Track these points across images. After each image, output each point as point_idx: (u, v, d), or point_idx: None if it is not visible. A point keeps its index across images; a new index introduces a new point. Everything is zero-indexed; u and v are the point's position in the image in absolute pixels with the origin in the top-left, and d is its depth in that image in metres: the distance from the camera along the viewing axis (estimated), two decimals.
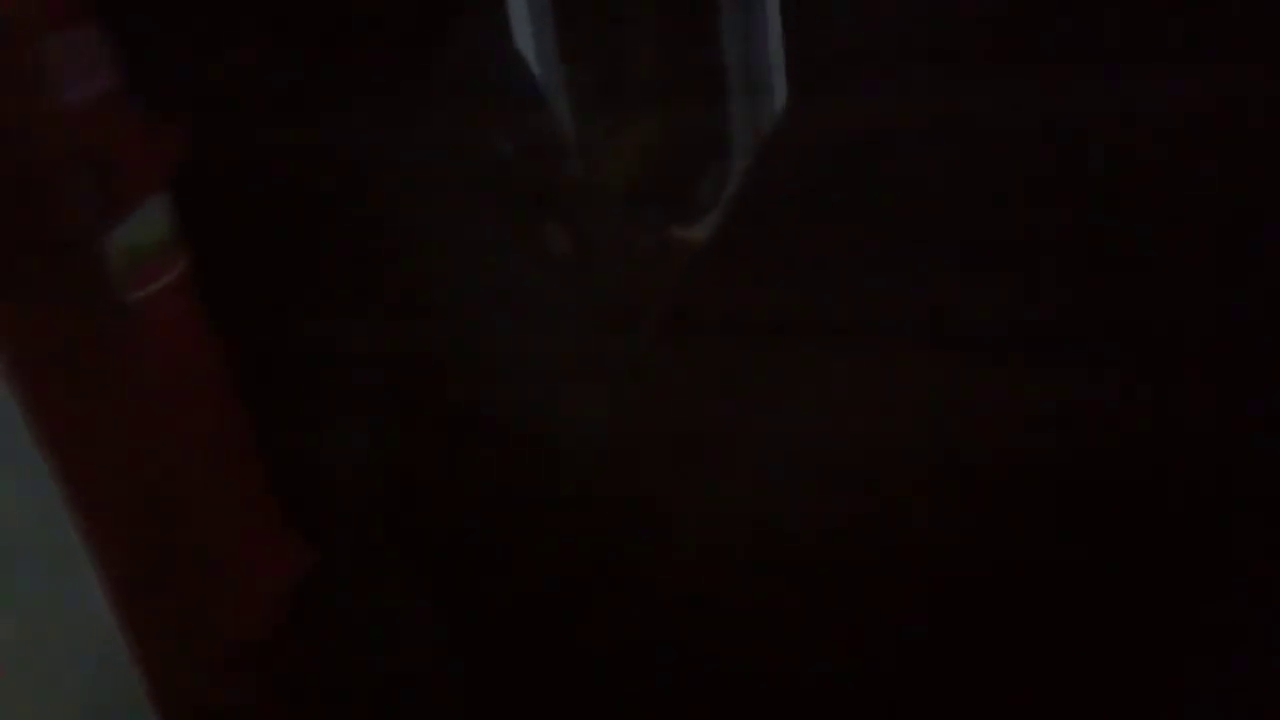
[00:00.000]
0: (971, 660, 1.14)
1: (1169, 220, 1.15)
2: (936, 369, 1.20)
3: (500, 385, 1.23)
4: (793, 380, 1.27)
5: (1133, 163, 1.14)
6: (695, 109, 1.79)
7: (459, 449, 1.21)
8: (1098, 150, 1.16)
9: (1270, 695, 1.06)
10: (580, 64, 1.70)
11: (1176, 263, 1.13)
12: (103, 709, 1.15)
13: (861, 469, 1.20)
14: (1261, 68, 1.04)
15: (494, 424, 1.21)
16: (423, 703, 1.26)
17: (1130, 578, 1.10)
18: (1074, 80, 1.16)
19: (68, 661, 1.14)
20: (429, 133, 1.23)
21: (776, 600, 1.21)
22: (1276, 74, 1.04)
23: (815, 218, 1.33)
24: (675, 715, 1.25)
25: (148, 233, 1.13)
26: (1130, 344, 1.15)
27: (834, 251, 1.32)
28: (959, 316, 1.22)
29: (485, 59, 1.36)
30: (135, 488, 1.14)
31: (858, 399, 1.23)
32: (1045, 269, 1.19)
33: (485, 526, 1.22)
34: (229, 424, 1.18)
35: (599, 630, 1.25)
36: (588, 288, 1.40)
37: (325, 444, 1.18)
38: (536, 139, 1.41)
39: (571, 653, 1.25)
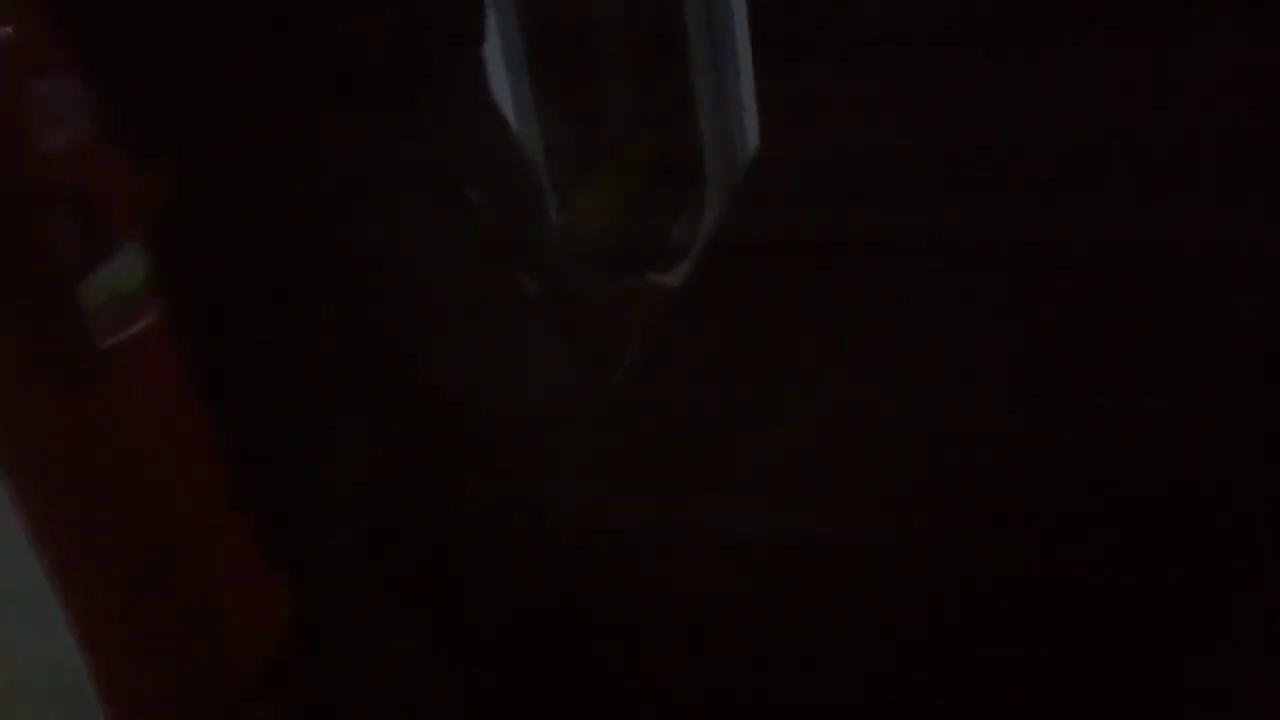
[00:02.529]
0: (971, 670, 1.15)
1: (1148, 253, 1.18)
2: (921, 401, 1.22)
3: (480, 422, 1.23)
4: (763, 417, 1.28)
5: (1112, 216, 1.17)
6: (668, 157, 1.80)
7: (441, 483, 1.21)
8: (1073, 205, 1.19)
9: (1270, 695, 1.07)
10: (555, 113, 1.71)
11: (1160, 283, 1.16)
12: None
13: (839, 502, 1.22)
14: None
15: (476, 462, 1.21)
16: None
17: (1128, 584, 1.12)
18: (1053, 124, 1.19)
19: (46, 707, 1.13)
20: (407, 181, 1.24)
21: (767, 621, 1.22)
22: None
23: (783, 269, 1.35)
24: None
25: (127, 277, 1.13)
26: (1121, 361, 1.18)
27: (803, 301, 1.33)
28: (937, 354, 1.24)
29: (461, 108, 1.37)
30: (112, 531, 1.12)
31: (829, 434, 1.24)
32: (1025, 314, 1.21)
33: (468, 557, 1.22)
34: (208, 465, 1.17)
35: (589, 650, 1.25)
36: (563, 332, 1.40)
37: (309, 480, 1.18)
38: (511, 188, 1.42)
39: (563, 673, 1.25)
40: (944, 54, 1.27)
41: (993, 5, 1.25)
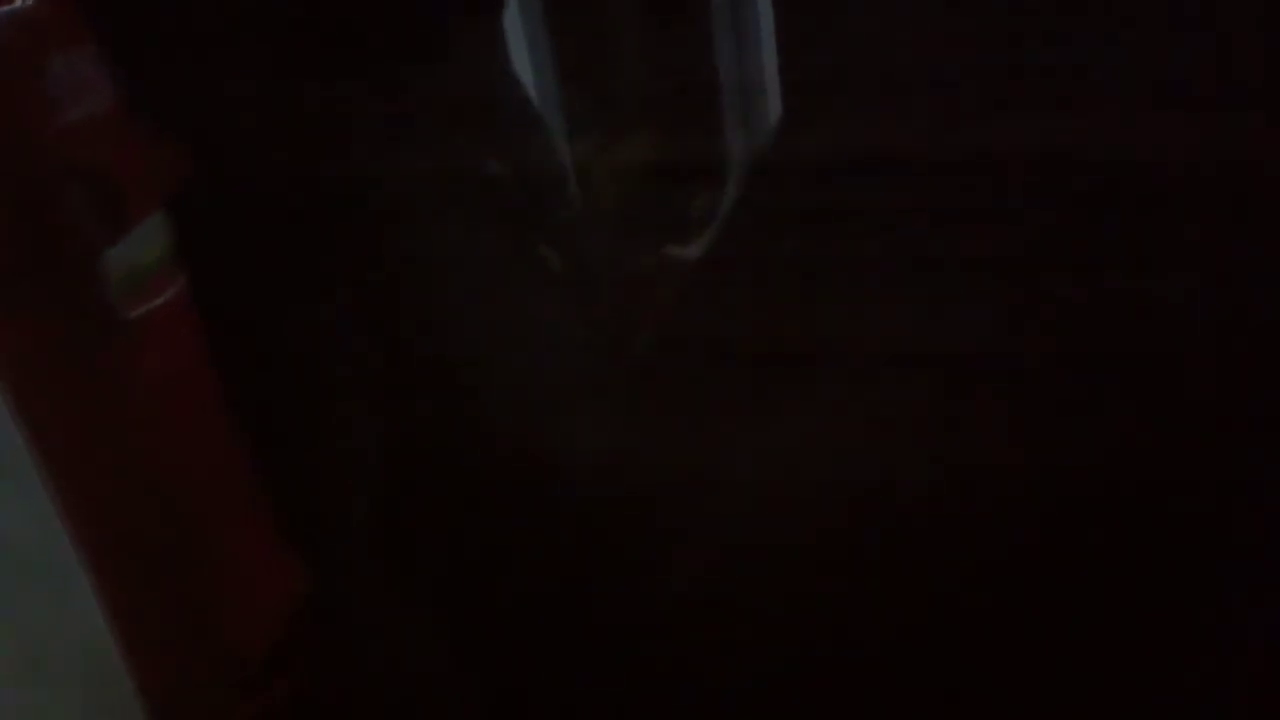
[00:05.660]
0: (967, 667, 1.15)
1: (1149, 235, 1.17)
2: (928, 386, 1.22)
3: (496, 402, 1.23)
4: (783, 397, 1.28)
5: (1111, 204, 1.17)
6: (689, 127, 1.79)
7: (456, 464, 1.22)
8: (1079, 185, 1.18)
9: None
10: (576, 84, 1.70)
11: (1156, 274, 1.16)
12: None
13: (856, 485, 1.22)
14: None
15: (490, 439, 1.21)
16: (428, 715, 1.27)
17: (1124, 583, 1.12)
18: (1058, 115, 1.18)
19: (65, 681, 1.14)
20: (425, 153, 1.24)
21: (771, 609, 1.22)
22: None
23: (806, 238, 1.34)
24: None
25: (146, 250, 1.13)
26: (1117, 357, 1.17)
27: (822, 272, 1.33)
28: (948, 335, 1.24)
29: (480, 79, 1.36)
30: (133, 505, 1.13)
31: (846, 414, 1.24)
32: (1030, 293, 1.21)
33: (482, 539, 1.22)
34: (226, 441, 1.17)
35: (598, 635, 1.26)
36: (582, 307, 1.40)
37: (323, 460, 1.18)
38: (530, 160, 1.41)
39: (572, 658, 1.25)
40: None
41: None
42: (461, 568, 1.22)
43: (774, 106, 1.76)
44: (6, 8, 1.03)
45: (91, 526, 1.11)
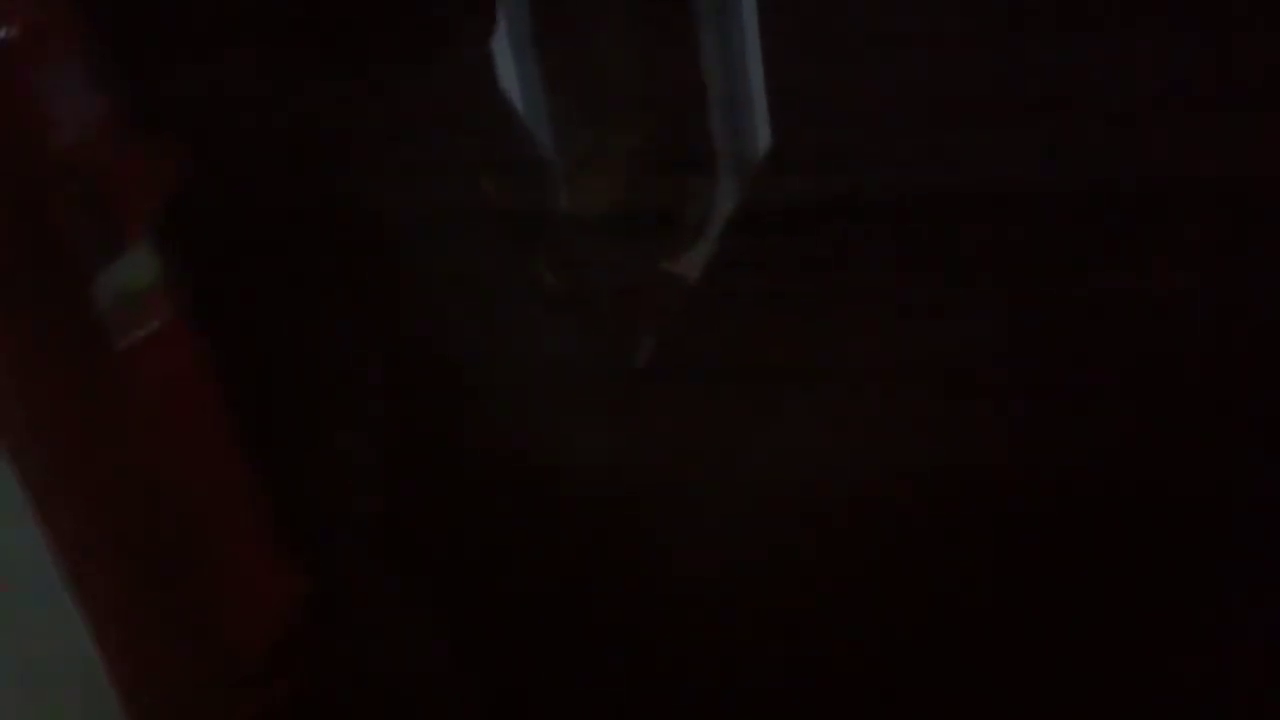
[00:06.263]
0: (967, 667, 1.15)
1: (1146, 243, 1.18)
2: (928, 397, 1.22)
3: (496, 403, 1.23)
4: (781, 399, 1.28)
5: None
6: (682, 136, 1.80)
7: (456, 465, 1.22)
8: (1079, 185, 1.19)
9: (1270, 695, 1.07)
10: (564, 94, 1.71)
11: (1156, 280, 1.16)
12: None
13: (855, 486, 1.22)
14: None
15: (490, 440, 1.21)
16: (428, 715, 1.26)
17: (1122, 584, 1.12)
18: (1050, 131, 1.19)
19: (64, 681, 1.13)
20: (423, 155, 1.24)
21: (771, 609, 1.22)
22: None
23: (801, 244, 1.35)
24: None
25: (138, 274, 1.13)
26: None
27: (820, 276, 1.33)
28: (948, 337, 1.24)
29: (470, 92, 1.36)
30: (133, 506, 1.13)
31: (846, 415, 1.24)
32: (1030, 294, 1.21)
33: (483, 539, 1.22)
34: (226, 442, 1.17)
35: (598, 635, 1.25)
36: (578, 312, 1.40)
37: (323, 460, 1.18)
38: (523, 177, 1.42)
39: (572, 658, 1.25)
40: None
41: None
42: (461, 568, 1.22)
43: (765, 113, 1.77)
44: (6, 9, 1.03)
45: (92, 527, 1.10)
